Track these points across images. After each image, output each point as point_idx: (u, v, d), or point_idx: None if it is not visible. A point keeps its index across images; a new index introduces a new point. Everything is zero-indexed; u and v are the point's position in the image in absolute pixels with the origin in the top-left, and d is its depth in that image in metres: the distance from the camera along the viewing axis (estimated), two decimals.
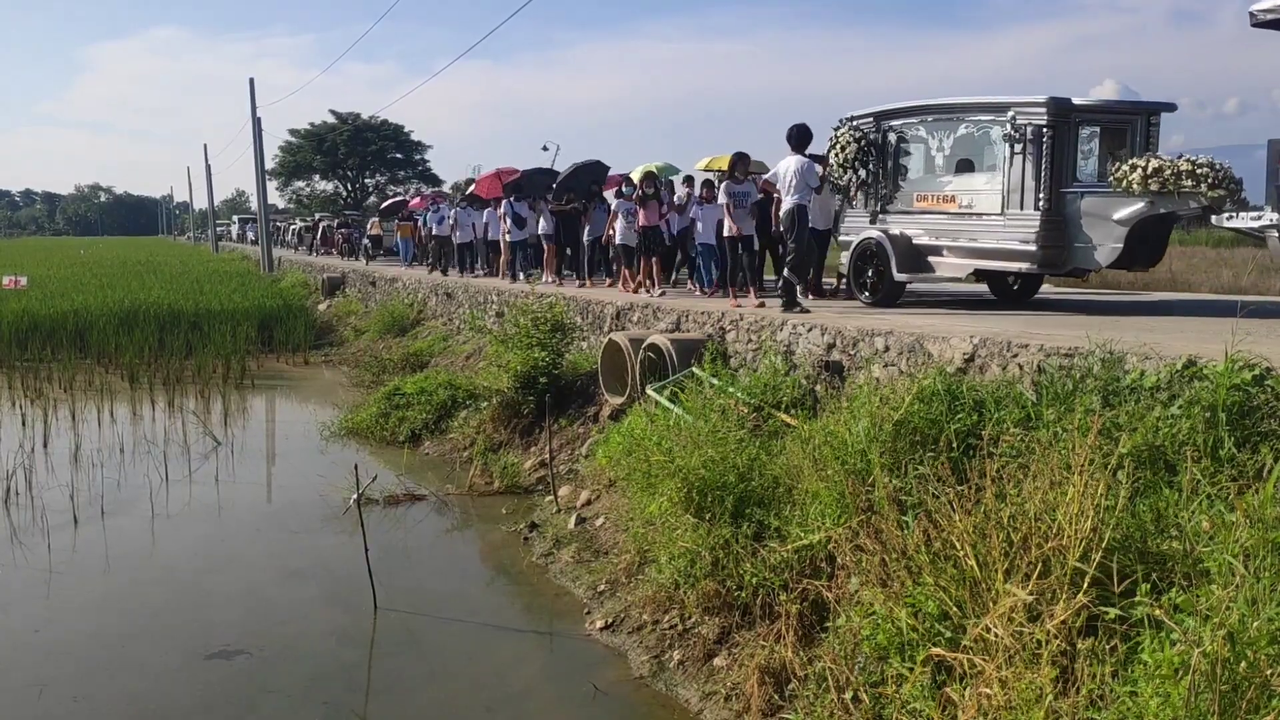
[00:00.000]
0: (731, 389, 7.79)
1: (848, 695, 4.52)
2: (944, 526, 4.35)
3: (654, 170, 14.84)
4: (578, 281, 15.21)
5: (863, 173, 10.06)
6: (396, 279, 21.99)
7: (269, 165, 48.02)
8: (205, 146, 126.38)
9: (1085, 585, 3.73)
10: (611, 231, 13.47)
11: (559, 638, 6.79)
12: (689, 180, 14.51)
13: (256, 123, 36.61)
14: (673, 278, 14.23)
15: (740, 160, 10.75)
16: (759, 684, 5.18)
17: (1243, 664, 3.13)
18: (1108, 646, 3.56)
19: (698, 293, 12.31)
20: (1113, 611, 3.64)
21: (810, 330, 8.11)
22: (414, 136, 64.94)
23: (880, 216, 9.99)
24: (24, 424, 13.10)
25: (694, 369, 8.55)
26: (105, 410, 14.41)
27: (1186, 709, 3.12)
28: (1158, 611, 3.39)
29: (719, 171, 13.74)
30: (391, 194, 60.46)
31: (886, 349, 7.24)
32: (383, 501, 9.58)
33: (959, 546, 4.21)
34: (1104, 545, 3.82)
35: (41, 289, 24.25)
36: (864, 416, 5.66)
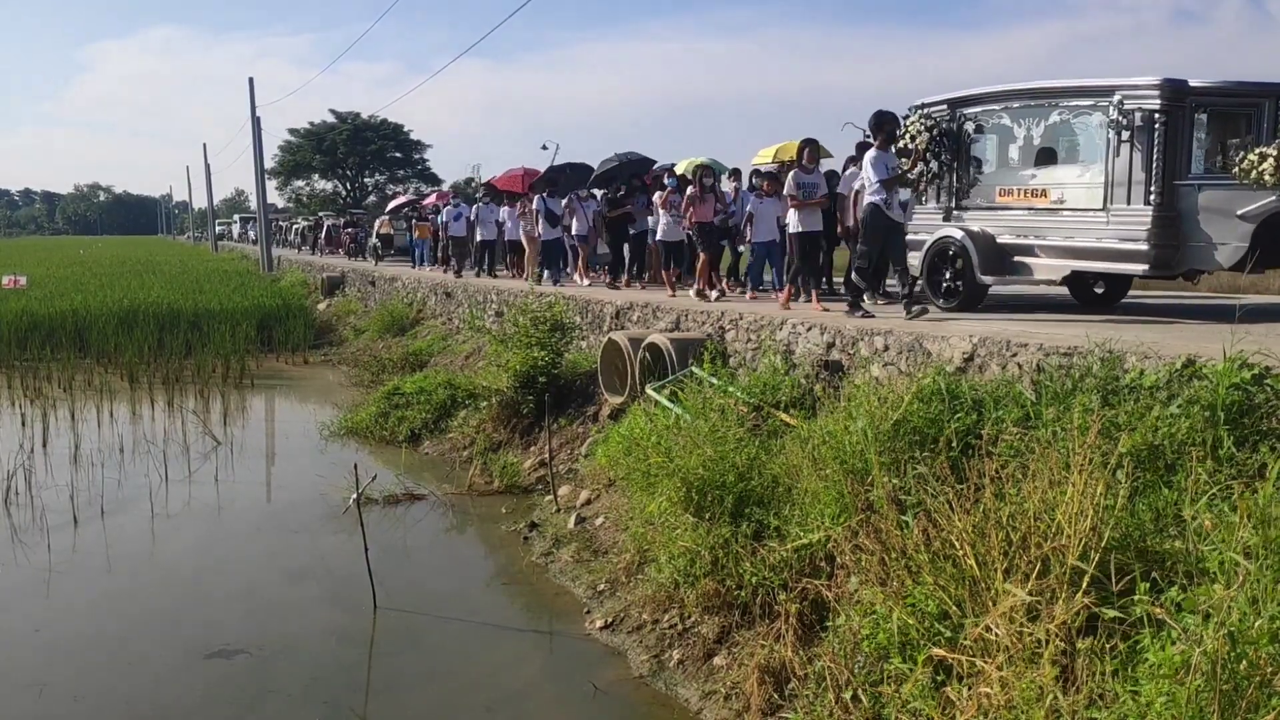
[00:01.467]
0: (731, 388, 7.78)
1: (847, 695, 4.52)
2: (943, 526, 4.35)
3: (707, 163, 13.64)
4: (611, 280, 14.13)
5: (935, 165, 9.13)
6: (396, 278, 21.97)
7: (268, 164, 48.03)
8: (205, 146, 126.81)
9: (1085, 585, 3.73)
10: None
11: (559, 637, 6.78)
12: (735, 174, 13.38)
13: (256, 122, 36.60)
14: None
15: (809, 147, 9.87)
16: (759, 683, 5.18)
17: (1244, 663, 3.13)
18: (1108, 646, 3.56)
19: (749, 295, 11.36)
20: (1111, 612, 3.64)
21: (810, 329, 8.11)
22: (414, 136, 64.95)
23: (955, 213, 9.13)
24: (24, 424, 13.10)
25: (693, 368, 8.55)
26: (105, 410, 14.40)
27: (1188, 708, 3.12)
28: (1158, 611, 3.39)
29: (780, 163, 12.90)
30: (391, 193, 60.45)
31: (886, 348, 7.23)
32: (382, 501, 9.58)
33: (958, 546, 4.21)
34: (1103, 544, 3.82)
35: (41, 288, 24.24)
36: (863, 416, 5.65)
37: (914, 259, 9.16)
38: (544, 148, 21.89)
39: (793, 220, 9.69)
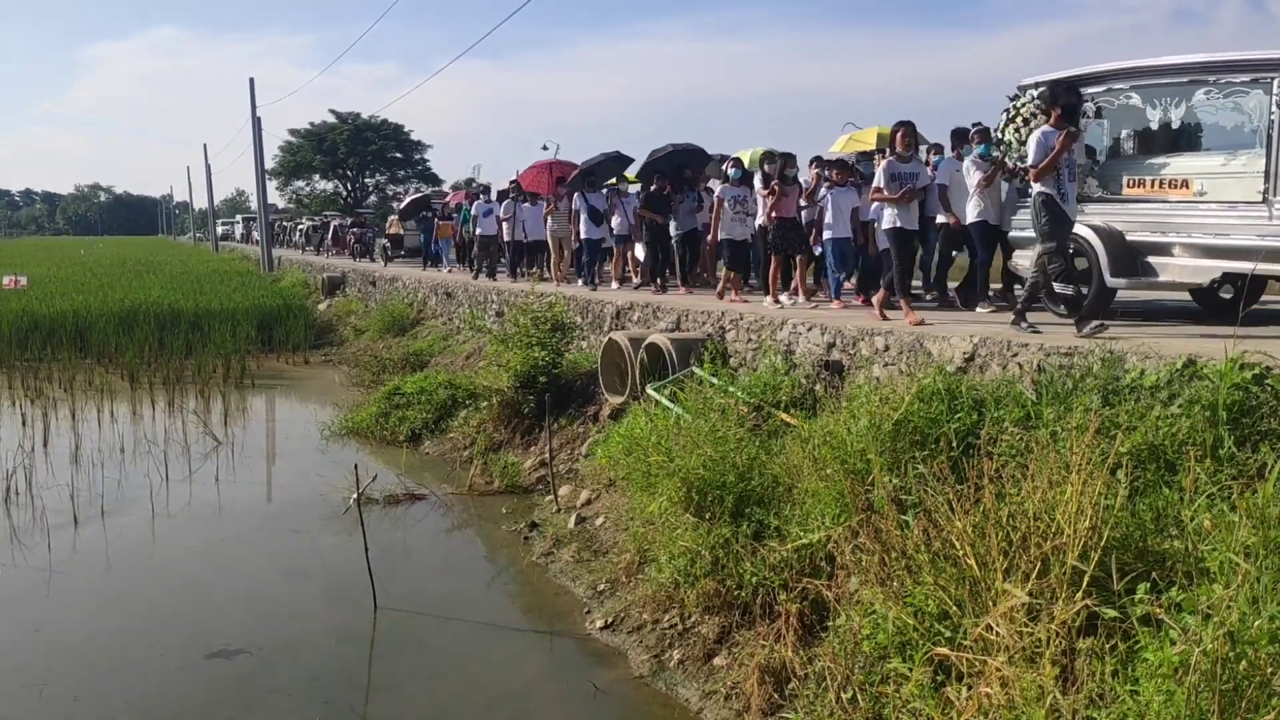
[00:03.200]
0: (731, 388, 7.78)
1: (847, 695, 4.52)
2: (943, 526, 4.35)
3: (773, 152, 12.09)
4: (662, 284, 12.90)
5: None
6: (397, 278, 21.97)
7: (269, 165, 47.98)
8: (205, 146, 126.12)
9: (1085, 585, 3.73)
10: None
11: (559, 637, 6.78)
12: (817, 160, 11.68)
13: (256, 122, 36.62)
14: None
15: (904, 130, 8.63)
16: (759, 683, 5.18)
17: (1243, 663, 3.13)
18: (1108, 645, 3.56)
19: (833, 303, 9.94)
20: (1110, 612, 3.64)
21: (810, 329, 8.11)
22: (414, 136, 65.05)
23: None
24: (24, 424, 13.10)
25: (694, 368, 8.55)
26: (105, 410, 14.41)
27: (1188, 708, 3.12)
28: (1158, 610, 3.39)
29: (854, 152, 11.99)
30: (392, 193, 60.51)
31: (886, 348, 7.23)
32: (383, 501, 9.58)
33: (958, 546, 4.21)
34: (1103, 544, 3.82)
35: (42, 289, 24.25)
36: (864, 416, 5.66)
37: (1024, 259, 8.14)
38: (544, 148, 21.68)
39: (887, 216, 8.47)
